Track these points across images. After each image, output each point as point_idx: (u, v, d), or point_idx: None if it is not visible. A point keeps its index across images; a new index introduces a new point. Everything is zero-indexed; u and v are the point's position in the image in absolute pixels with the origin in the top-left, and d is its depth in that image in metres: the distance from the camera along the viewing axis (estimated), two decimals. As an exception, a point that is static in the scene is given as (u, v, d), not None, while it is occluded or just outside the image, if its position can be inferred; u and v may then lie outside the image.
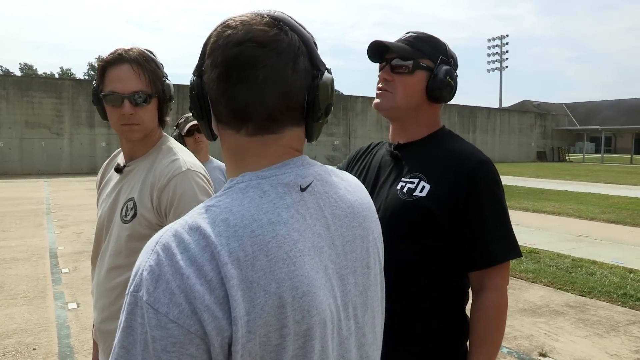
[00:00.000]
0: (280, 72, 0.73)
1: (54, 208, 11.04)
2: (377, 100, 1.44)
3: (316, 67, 0.77)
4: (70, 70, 77.81)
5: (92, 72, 76.14)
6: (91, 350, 3.74)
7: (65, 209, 10.85)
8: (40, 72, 74.38)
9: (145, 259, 0.66)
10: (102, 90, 1.48)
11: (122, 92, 1.45)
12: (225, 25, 0.75)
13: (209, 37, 0.76)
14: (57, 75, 68.28)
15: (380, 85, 1.43)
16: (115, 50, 1.47)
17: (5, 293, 5.10)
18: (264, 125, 0.75)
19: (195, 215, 0.69)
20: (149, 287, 0.63)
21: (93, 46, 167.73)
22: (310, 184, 0.76)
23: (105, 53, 1.47)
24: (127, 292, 0.66)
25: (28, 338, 3.99)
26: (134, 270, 0.67)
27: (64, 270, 5.97)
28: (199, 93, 0.77)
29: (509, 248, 1.35)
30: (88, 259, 6.45)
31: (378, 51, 1.43)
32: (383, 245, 0.92)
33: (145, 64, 1.46)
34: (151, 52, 1.52)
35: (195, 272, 0.63)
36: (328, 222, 0.76)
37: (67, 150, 22.02)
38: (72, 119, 22.11)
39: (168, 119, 1.59)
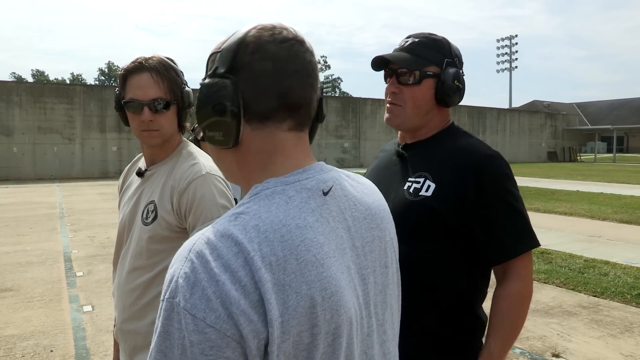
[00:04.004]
0: (315, 69, 0.80)
1: (67, 212, 11.18)
2: (387, 116, 1.46)
3: None
4: (81, 76, 78.50)
5: (102, 78, 76.82)
6: (107, 352, 3.82)
7: (78, 213, 10.98)
8: (51, 78, 75.22)
9: (179, 266, 0.68)
10: (123, 98, 1.53)
11: (141, 100, 1.49)
12: (261, 28, 0.78)
13: (244, 38, 0.77)
14: (68, 81, 68.98)
15: (389, 99, 1.44)
16: (136, 59, 1.52)
17: (22, 296, 5.18)
18: (302, 121, 0.80)
19: (226, 223, 0.71)
20: (185, 294, 0.65)
21: (103, 52, 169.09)
22: (331, 188, 0.79)
23: (115, 58, 1.55)
24: (162, 298, 0.68)
25: (45, 340, 4.06)
26: (168, 277, 0.69)
27: (78, 274, 6.04)
28: (231, 92, 0.75)
29: (525, 239, 1.35)
30: (102, 262, 6.54)
31: (382, 64, 1.44)
32: (397, 244, 0.95)
33: (164, 72, 1.51)
34: (171, 60, 1.56)
35: (229, 278, 0.65)
36: (349, 224, 0.80)
37: (78, 155, 22.26)
38: (83, 124, 22.36)
39: (188, 124, 1.63)
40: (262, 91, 0.76)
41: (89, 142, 22.45)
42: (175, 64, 1.57)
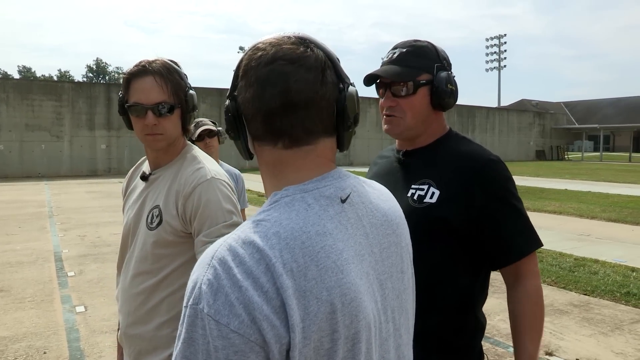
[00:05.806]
0: (311, 86, 0.78)
1: (56, 211, 11.07)
2: (386, 127, 1.46)
3: (342, 80, 0.83)
4: (68, 72, 77.82)
5: (90, 75, 76.07)
6: (101, 354, 3.80)
7: (68, 212, 10.88)
8: (38, 74, 74.36)
9: (202, 272, 0.70)
10: (127, 101, 1.52)
11: (145, 104, 1.48)
12: (255, 49, 0.80)
13: (241, 61, 0.81)
14: (55, 78, 68.16)
15: (386, 112, 1.44)
16: (140, 62, 1.51)
17: (12, 297, 5.12)
18: (299, 138, 0.79)
19: (247, 230, 0.72)
20: (208, 300, 0.66)
21: (91, 48, 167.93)
22: (349, 195, 0.81)
23: (103, 55, 1.54)
24: (185, 304, 0.69)
25: (38, 342, 4.02)
26: (191, 284, 0.70)
27: (69, 274, 5.99)
28: (234, 114, 0.81)
29: (532, 239, 1.39)
30: (93, 262, 6.49)
31: (375, 79, 1.44)
32: (412, 250, 0.97)
33: (168, 76, 1.50)
34: (175, 63, 1.55)
35: (252, 284, 0.67)
36: (366, 230, 0.81)
37: (67, 153, 22.04)
38: (72, 121, 22.14)
39: (191, 127, 1.62)
40: (252, 115, 0.80)
41: (77, 140, 22.23)
42: (179, 66, 1.56)
